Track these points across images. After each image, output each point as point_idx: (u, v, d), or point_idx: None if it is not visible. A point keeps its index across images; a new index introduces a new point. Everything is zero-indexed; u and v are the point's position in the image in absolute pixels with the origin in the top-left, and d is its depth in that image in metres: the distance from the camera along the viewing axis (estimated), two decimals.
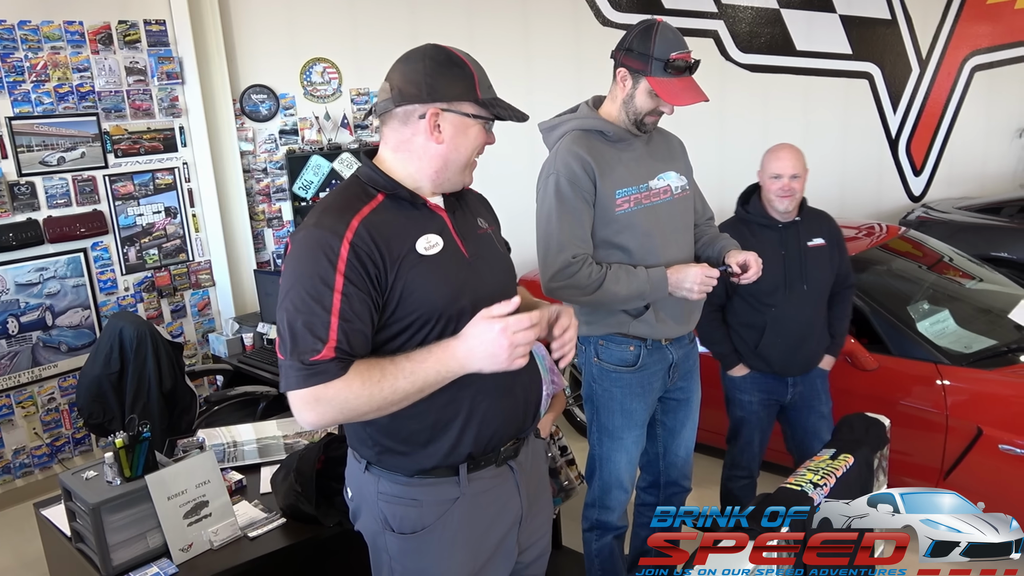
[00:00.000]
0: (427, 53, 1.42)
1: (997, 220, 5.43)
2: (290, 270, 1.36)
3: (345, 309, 1.31)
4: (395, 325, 1.39)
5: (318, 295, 1.31)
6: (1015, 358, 2.96)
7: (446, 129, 1.41)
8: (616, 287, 1.97)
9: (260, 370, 3.65)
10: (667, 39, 1.97)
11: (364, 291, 1.33)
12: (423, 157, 1.43)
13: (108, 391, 3.03)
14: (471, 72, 1.41)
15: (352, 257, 1.32)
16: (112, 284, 4.07)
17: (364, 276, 1.33)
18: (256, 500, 2.25)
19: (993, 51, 7.19)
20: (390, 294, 1.36)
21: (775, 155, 2.61)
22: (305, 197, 4.63)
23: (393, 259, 1.36)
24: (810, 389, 2.73)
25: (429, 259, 1.40)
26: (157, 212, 4.20)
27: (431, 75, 1.39)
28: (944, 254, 3.92)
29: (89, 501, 1.89)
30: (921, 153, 7.13)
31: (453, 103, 1.40)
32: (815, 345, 2.67)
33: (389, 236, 1.37)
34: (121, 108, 4.01)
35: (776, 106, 6.25)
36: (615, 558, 2.29)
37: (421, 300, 1.37)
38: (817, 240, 2.64)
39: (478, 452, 1.46)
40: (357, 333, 1.33)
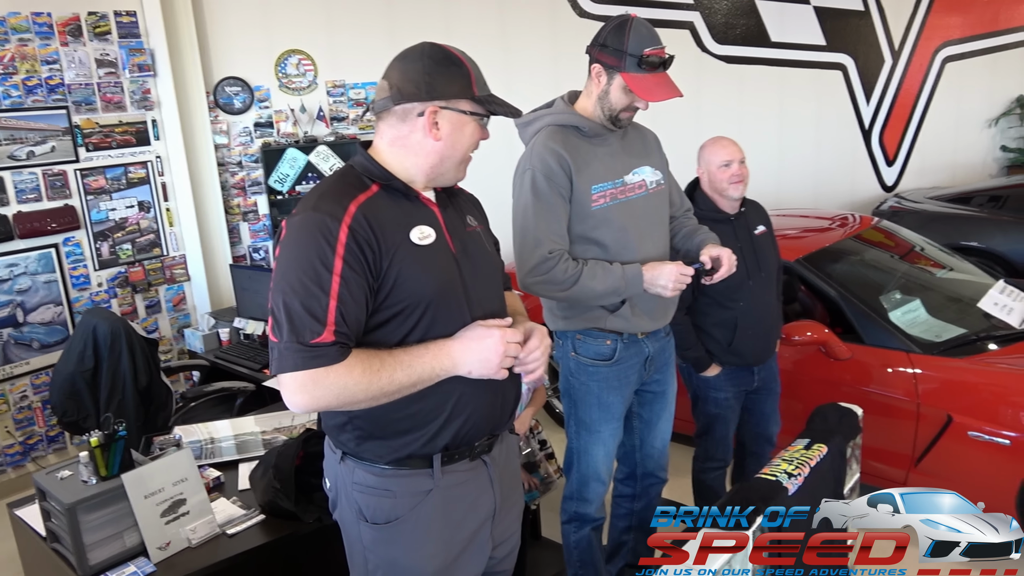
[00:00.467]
0: (425, 52, 1.44)
1: (968, 210, 5.52)
2: (287, 253, 1.35)
3: (344, 292, 1.32)
4: (384, 311, 1.40)
5: (317, 277, 1.32)
6: (984, 346, 3.02)
7: (444, 126, 1.43)
8: (592, 283, 1.98)
9: (237, 365, 3.62)
10: (641, 35, 1.98)
11: (361, 275, 1.34)
12: (420, 153, 1.45)
13: (82, 389, 2.99)
14: (468, 70, 1.45)
15: (351, 241, 1.33)
16: (85, 280, 4.02)
17: (362, 260, 1.34)
18: (234, 497, 2.24)
19: (963, 42, 7.29)
20: (384, 280, 1.38)
21: (719, 144, 2.62)
22: (281, 190, 4.59)
23: (388, 246, 1.37)
24: (770, 372, 2.81)
25: (422, 249, 1.42)
26: (130, 206, 4.14)
27: (430, 74, 1.41)
28: (915, 244, 3.98)
29: (64, 501, 1.87)
30: (894, 143, 7.21)
31: (451, 101, 1.43)
32: (777, 329, 2.79)
33: (385, 224, 1.39)
34: (92, 101, 3.94)
35: (752, 97, 6.30)
36: (593, 549, 2.31)
37: (412, 289, 1.39)
38: (761, 228, 2.74)
39: (454, 445, 1.48)
40: (353, 317, 1.34)
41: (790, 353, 3.21)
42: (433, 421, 1.45)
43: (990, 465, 2.73)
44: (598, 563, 2.34)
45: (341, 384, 1.32)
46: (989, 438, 2.71)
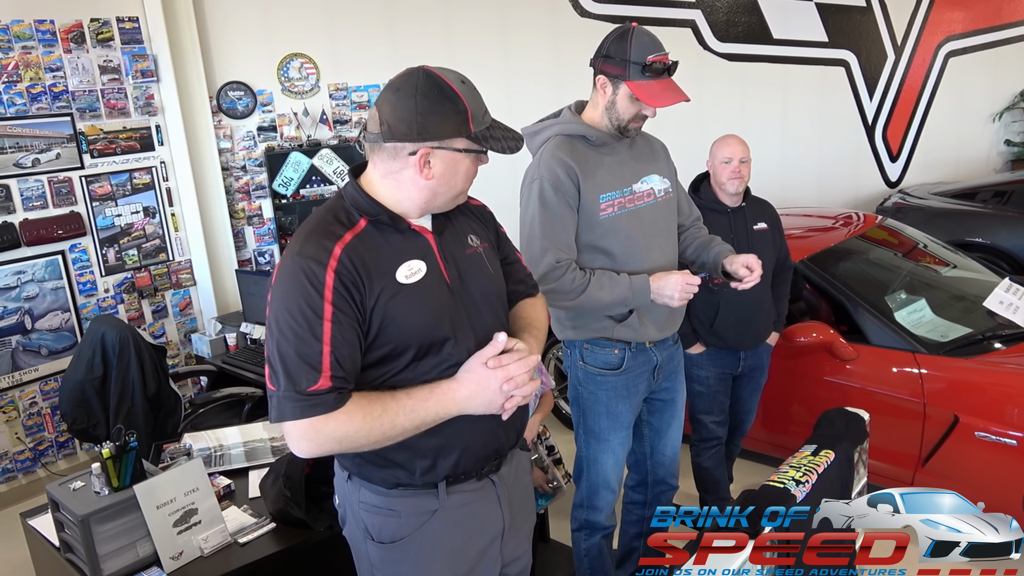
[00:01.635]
0: (419, 87, 1.36)
1: (972, 206, 5.51)
2: (277, 300, 1.34)
3: (336, 337, 1.31)
4: (375, 351, 1.38)
5: (309, 325, 1.30)
6: (990, 346, 3.02)
7: (436, 166, 1.39)
8: (600, 293, 1.99)
9: (244, 370, 3.64)
10: (643, 43, 1.98)
11: (352, 317, 1.33)
12: (412, 189, 1.41)
13: (91, 396, 3.01)
14: (464, 107, 1.36)
15: (338, 284, 1.32)
16: (92, 286, 4.03)
17: (350, 301, 1.33)
18: (245, 505, 2.25)
19: (966, 36, 7.27)
20: (371, 321, 1.36)
21: (725, 143, 2.85)
22: (285, 194, 4.60)
23: (374, 287, 1.35)
24: (757, 362, 2.98)
25: (409, 288, 1.39)
26: (135, 212, 4.15)
27: (422, 113, 1.35)
28: (919, 241, 3.98)
29: (77, 512, 1.89)
30: (897, 139, 7.21)
31: (444, 141, 1.37)
32: (763, 321, 2.90)
33: (370, 263, 1.36)
34: (96, 108, 3.95)
35: (754, 95, 6.29)
36: (604, 557, 2.32)
37: (400, 330, 1.37)
38: (761, 224, 2.90)
39: (455, 475, 1.47)
40: (348, 359, 1.33)
41: (796, 353, 3.22)
42: (428, 455, 1.44)
43: (997, 465, 2.73)
44: (608, 570, 2.35)
45: (343, 432, 1.32)
46: (996, 438, 2.72)
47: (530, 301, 1.68)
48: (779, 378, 3.31)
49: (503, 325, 1.54)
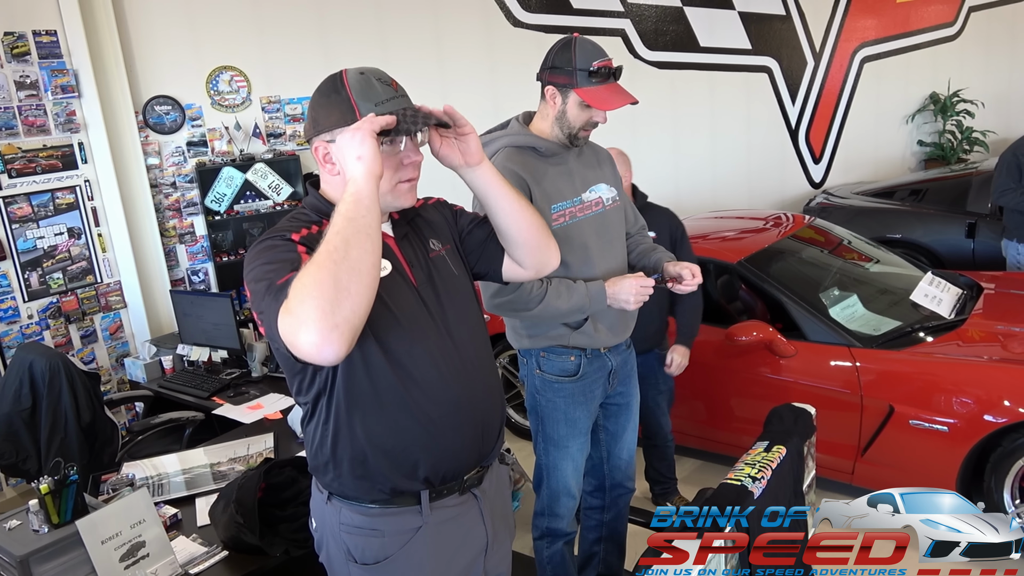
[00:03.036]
0: (320, 84, 1.39)
1: (891, 203, 5.77)
2: (250, 268, 1.30)
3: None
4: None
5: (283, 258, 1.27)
6: (919, 337, 3.16)
7: (337, 160, 1.37)
8: (558, 302, 2.00)
9: (183, 394, 3.51)
10: (586, 50, 2.01)
11: None
12: (336, 188, 1.41)
13: (20, 429, 2.85)
14: (347, 95, 1.34)
15: (306, 248, 1.29)
16: (14, 312, 3.83)
17: None
18: (194, 534, 2.17)
19: (879, 43, 7.64)
20: None
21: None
22: (219, 211, 4.47)
23: None
24: (648, 369, 2.97)
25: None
26: (59, 234, 3.98)
27: (313, 108, 1.38)
28: (844, 238, 4.15)
29: (15, 553, 1.79)
30: (819, 141, 7.50)
31: (333, 131, 1.35)
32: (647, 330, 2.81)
33: None
34: (13, 125, 3.77)
35: (684, 101, 6.45)
36: (566, 563, 2.33)
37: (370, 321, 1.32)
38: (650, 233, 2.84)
39: (436, 479, 1.46)
40: None
41: (738, 352, 3.31)
42: (408, 459, 1.42)
43: (931, 451, 2.86)
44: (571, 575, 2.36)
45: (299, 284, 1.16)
46: (929, 425, 2.84)
47: None
48: (723, 377, 3.40)
49: (473, 323, 1.53)
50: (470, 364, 1.48)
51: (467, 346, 1.48)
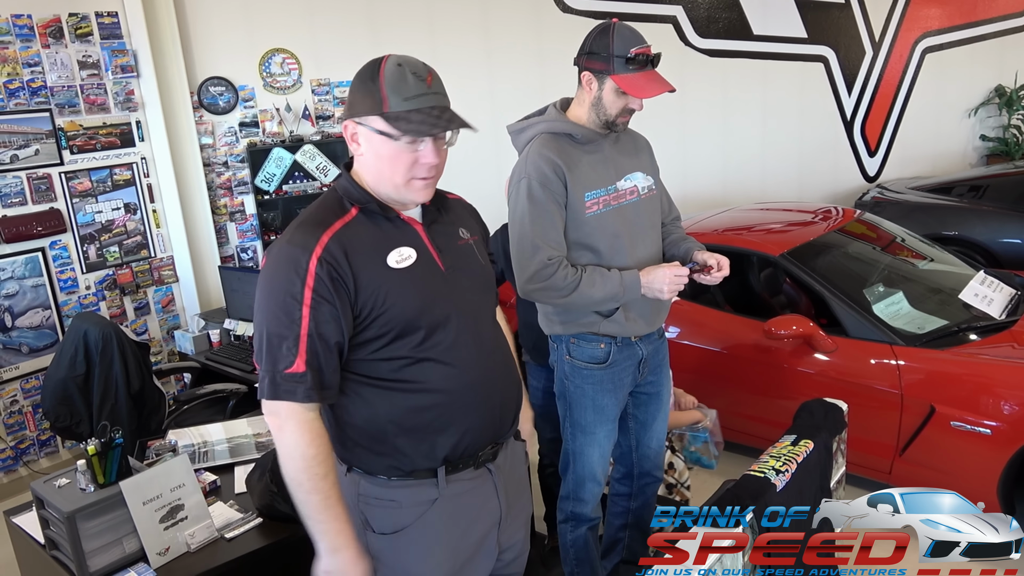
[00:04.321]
0: (363, 66, 1.43)
1: (948, 200, 5.60)
2: (263, 284, 1.40)
3: (313, 324, 1.36)
4: (368, 332, 1.42)
5: (288, 310, 1.36)
6: (966, 337, 3.08)
7: (362, 143, 1.43)
8: (591, 290, 2.01)
9: (228, 367, 3.63)
10: (624, 36, 2.00)
11: (333, 305, 1.37)
12: (363, 169, 1.47)
13: (74, 394, 2.99)
14: (379, 86, 1.37)
15: (320, 272, 1.36)
16: (73, 283, 4.00)
17: (332, 291, 1.37)
18: (231, 501, 2.26)
19: (943, 33, 7.37)
20: (361, 307, 1.40)
21: None
22: (268, 190, 4.58)
23: (362, 274, 1.39)
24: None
25: (400, 272, 1.43)
26: (116, 209, 4.12)
27: (352, 92, 1.43)
28: (897, 235, 4.04)
29: (63, 509, 1.88)
30: (875, 134, 7.29)
31: (363, 118, 1.40)
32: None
33: (359, 250, 1.41)
34: (75, 103, 3.92)
35: (735, 91, 6.34)
36: (589, 547, 2.35)
37: (394, 313, 1.41)
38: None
39: (454, 457, 1.50)
40: (328, 347, 1.38)
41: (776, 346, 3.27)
42: (427, 439, 1.47)
43: (972, 454, 2.79)
44: (594, 561, 2.37)
45: (289, 443, 1.39)
46: (971, 428, 2.77)
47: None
48: (759, 370, 3.36)
49: (489, 310, 1.59)
50: (490, 347, 1.53)
51: (488, 331, 1.54)
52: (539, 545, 2.87)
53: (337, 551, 1.43)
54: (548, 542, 2.88)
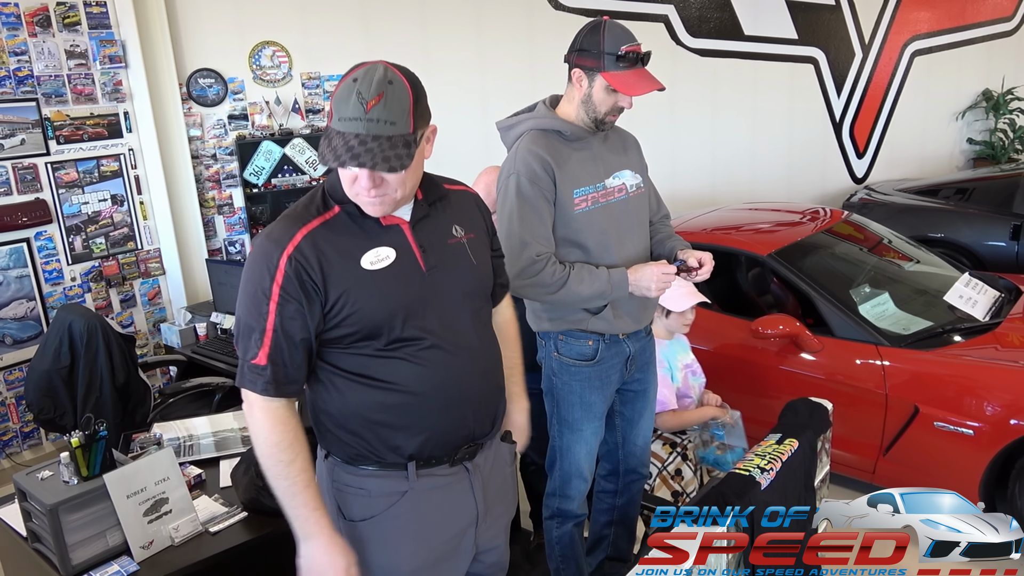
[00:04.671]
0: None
1: (935, 202, 5.64)
2: (243, 274, 1.44)
3: (279, 320, 1.39)
4: (337, 330, 1.43)
5: (257, 303, 1.40)
6: (950, 339, 3.11)
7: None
8: (579, 287, 2.02)
9: (214, 360, 3.61)
10: (615, 34, 2.01)
11: (299, 303, 1.39)
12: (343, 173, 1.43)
13: (59, 386, 2.97)
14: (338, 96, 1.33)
15: (289, 271, 1.38)
16: (58, 274, 3.97)
17: (300, 290, 1.38)
18: (216, 495, 2.25)
19: (932, 36, 7.42)
20: (331, 306, 1.41)
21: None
22: (256, 183, 4.56)
23: (332, 273, 1.40)
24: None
25: (373, 274, 1.42)
26: (103, 200, 4.09)
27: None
28: (883, 236, 4.07)
29: (46, 502, 1.87)
30: (864, 136, 7.34)
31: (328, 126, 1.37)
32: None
33: (333, 250, 1.40)
34: (62, 93, 3.88)
35: (725, 90, 6.36)
36: (575, 544, 2.36)
37: (363, 315, 1.41)
38: None
39: (421, 455, 1.50)
40: (293, 343, 1.41)
41: (762, 346, 3.28)
42: (394, 437, 1.47)
43: (955, 454, 2.82)
44: (579, 557, 2.38)
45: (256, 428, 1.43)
46: (954, 428, 2.80)
47: (504, 306, 1.76)
48: (745, 369, 3.38)
49: (477, 316, 1.56)
50: (469, 350, 1.51)
51: (468, 332, 1.52)
52: (524, 542, 2.88)
53: (308, 538, 1.44)
54: (534, 539, 2.89)
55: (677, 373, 2.75)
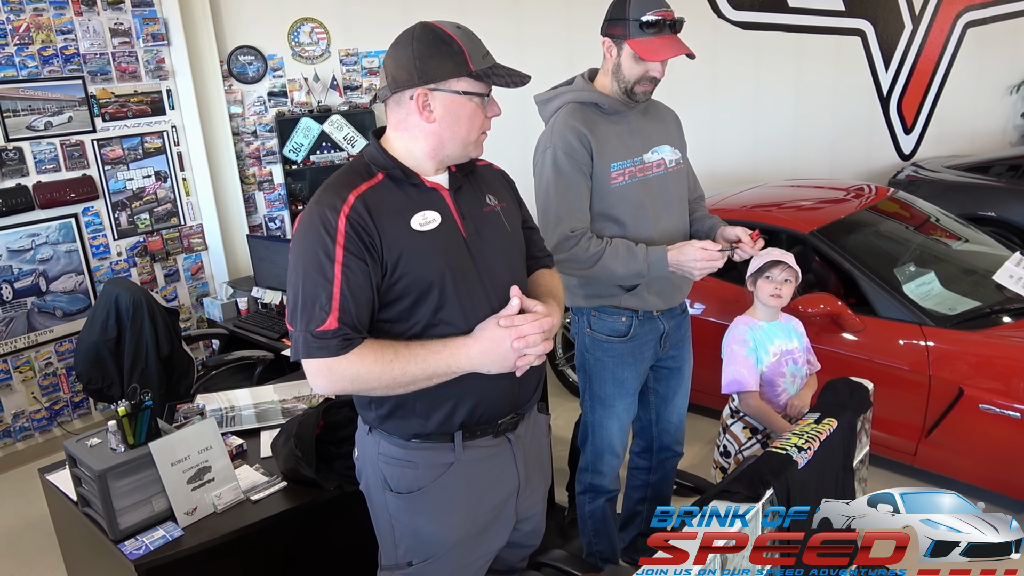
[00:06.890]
0: (415, 36, 1.43)
1: (986, 179, 5.46)
2: (296, 246, 1.43)
3: (346, 280, 1.38)
4: (394, 294, 1.44)
5: (321, 268, 1.38)
6: (998, 319, 3.02)
7: (436, 108, 1.44)
8: (614, 264, 2.00)
9: (255, 334, 3.68)
10: (641, 1, 1.96)
11: (364, 261, 1.39)
12: (419, 136, 1.47)
13: (106, 357, 3.06)
14: (460, 47, 1.41)
15: (349, 230, 1.38)
16: (105, 249, 4.07)
17: (363, 247, 1.39)
18: (257, 464, 2.30)
19: (986, 7, 7.13)
20: (386, 267, 1.42)
21: None
22: (296, 160, 4.61)
23: (388, 234, 1.41)
24: None
25: (423, 235, 1.44)
26: (147, 176, 4.18)
27: (420, 58, 1.41)
28: (931, 215, 3.96)
29: (95, 468, 1.93)
30: (912, 111, 7.11)
31: (443, 82, 1.42)
32: None
33: (384, 212, 1.42)
34: (107, 71, 3.96)
35: (768, 65, 6.21)
36: (607, 519, 2.37)
37: (416, 275, 1.43)
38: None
39: (471, 424, 1.52)
40: (358, 304, 1.39)
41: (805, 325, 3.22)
42: (445, 404, 1.49)
43: (1001, 438, 2.75)
44: (612, 532, 2.39)
45: (354, 372, 1.38)
46: (1000, 411, 2.73)
47: (548, 272, 1.72)
48: None
49: (519, 281, 1.58)
50: None
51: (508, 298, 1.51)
52: (559, 516, 2.90)
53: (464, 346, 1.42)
54: (568, 513, 2.90)
55: (766, 357, 2.54)
